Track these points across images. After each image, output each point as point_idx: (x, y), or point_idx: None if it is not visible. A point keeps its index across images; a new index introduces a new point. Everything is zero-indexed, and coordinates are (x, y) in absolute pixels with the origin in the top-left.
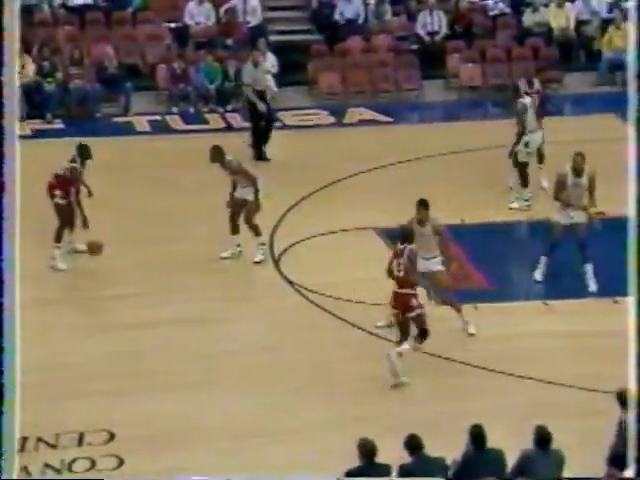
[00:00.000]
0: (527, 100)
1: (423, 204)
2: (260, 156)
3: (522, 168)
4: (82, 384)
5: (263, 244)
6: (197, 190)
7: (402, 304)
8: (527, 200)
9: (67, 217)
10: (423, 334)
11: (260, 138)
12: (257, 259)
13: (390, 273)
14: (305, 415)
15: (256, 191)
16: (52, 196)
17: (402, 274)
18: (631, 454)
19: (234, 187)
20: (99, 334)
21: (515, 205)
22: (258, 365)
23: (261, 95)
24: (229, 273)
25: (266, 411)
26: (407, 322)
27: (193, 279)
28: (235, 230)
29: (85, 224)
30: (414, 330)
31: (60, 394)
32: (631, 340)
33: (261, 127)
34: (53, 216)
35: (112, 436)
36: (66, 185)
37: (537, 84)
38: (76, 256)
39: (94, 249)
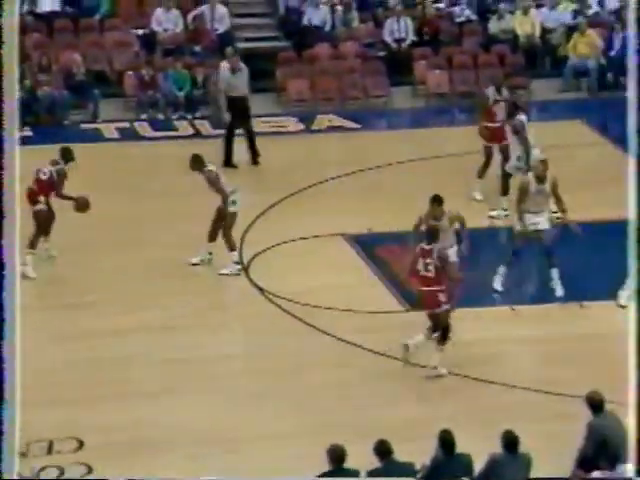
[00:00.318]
0: (524, 117)
1: (437, 200)
2: (229, 162)
3: (505, 178)
4: (52, 392)
5: (238, 263)
6: (166, 196)
7: (433, 301)
8: (506, 210)
9: (45, 224)
10: (445, 335)
11: (231, 145)
12: (224, 271)
13: (415, 273)
14: (276, 421)
15: (225, 204)
16: (34, 202)
17: (431, 274)
18: (631, 454)
19: None
20: (68, 341)
21: (494, 213)
22: (228, 372)
23: (241, 101)
24: (199, 279)
25: (237, 417)
26: (437, 316)
27: (163, 286)
28: (212, 237)
29: (80, 205)
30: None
31: (30, 402)
32: (631, 341)
33: (234, 135)
34: (24, 223)
35: (81, 444)
36: (49, 189)
37: (505, 92)
38: (46, 263)
39: (81, 206)
